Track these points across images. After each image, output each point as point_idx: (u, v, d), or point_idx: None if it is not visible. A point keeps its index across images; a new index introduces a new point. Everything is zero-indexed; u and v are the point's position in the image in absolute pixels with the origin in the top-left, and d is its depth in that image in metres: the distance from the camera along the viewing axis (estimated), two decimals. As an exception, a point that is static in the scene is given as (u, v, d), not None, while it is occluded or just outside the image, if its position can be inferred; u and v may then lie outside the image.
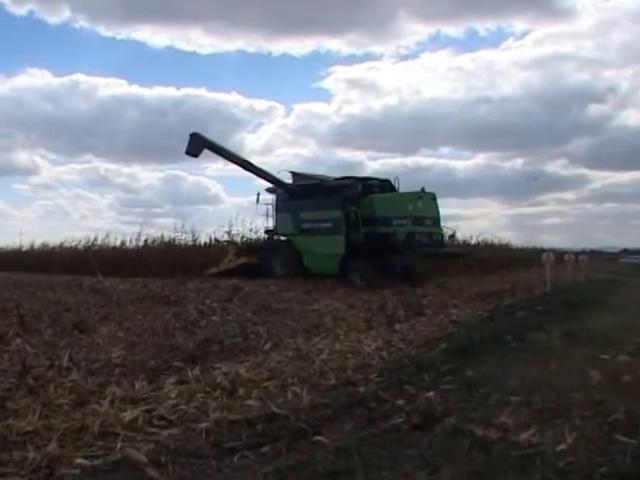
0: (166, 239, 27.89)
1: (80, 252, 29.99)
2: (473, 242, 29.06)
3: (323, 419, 4.26)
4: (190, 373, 5.59)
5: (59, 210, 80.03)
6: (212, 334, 7.66)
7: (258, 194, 20.13)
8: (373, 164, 79.59)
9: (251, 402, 4.67)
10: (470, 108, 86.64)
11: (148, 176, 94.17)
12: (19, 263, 32.16)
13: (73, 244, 32.81)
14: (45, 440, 3.82)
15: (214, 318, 9.26)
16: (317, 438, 3.86)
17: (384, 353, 6.71)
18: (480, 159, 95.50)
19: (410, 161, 78.37)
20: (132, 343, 7.13)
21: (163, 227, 49.68)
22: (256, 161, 20.67)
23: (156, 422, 4.21)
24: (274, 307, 10.70)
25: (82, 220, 74.25)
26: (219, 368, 5.85)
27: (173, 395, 4.85)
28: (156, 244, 28.15)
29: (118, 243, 30.63)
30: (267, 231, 20.70)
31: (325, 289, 14.86)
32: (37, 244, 36.38)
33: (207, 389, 5.05)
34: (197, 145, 19.31)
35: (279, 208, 19.74)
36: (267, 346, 7.06)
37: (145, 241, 29.00)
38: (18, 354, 6.28)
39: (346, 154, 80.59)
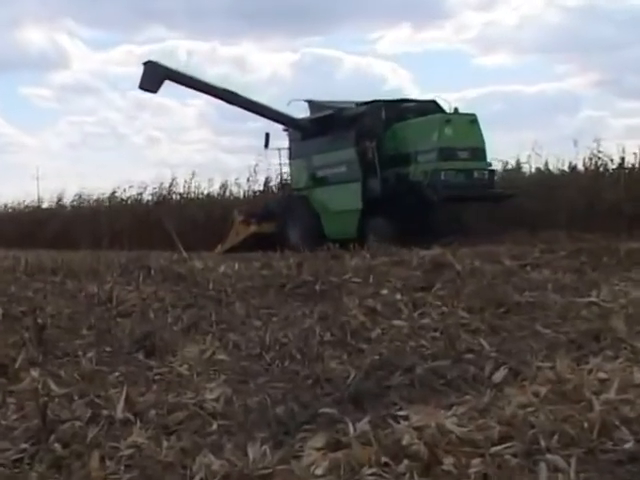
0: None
1: (147, 207, 27.52)
2: None
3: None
4: (352, 428, 4.73)
5: (108, 132, 63.43)
6: (393, 354, 6.80)
7: (267, 135, 22.25)
8: None
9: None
10: None
11: (269, 60, 77.66)
12: (38, 230, 29.00)
13: (133, 193, 29.04)
14: None
15: (396, 323, 8.31)
16: None
17: None
18: None
19: None
20: (243, 373, 6.37)
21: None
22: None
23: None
24: (512, 300, 9.18)
25: (149, 148, 62.88)
26: (406, 418, 4.97)
27: (320, 471, 3.98)
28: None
29: (215, 188, 27.23)
30: (282, 185, 23.67)
31: (610, 262, 12.50)
32: (68, 195, 32.69)
33: (384, 458, 4.13)
34: (154, 78, 22.05)
35: (292, 153, 22.66)
36: (498, 375, 6.05)
37: (266, 182, 24.71)
38: (34, 397, 5.39)
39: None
